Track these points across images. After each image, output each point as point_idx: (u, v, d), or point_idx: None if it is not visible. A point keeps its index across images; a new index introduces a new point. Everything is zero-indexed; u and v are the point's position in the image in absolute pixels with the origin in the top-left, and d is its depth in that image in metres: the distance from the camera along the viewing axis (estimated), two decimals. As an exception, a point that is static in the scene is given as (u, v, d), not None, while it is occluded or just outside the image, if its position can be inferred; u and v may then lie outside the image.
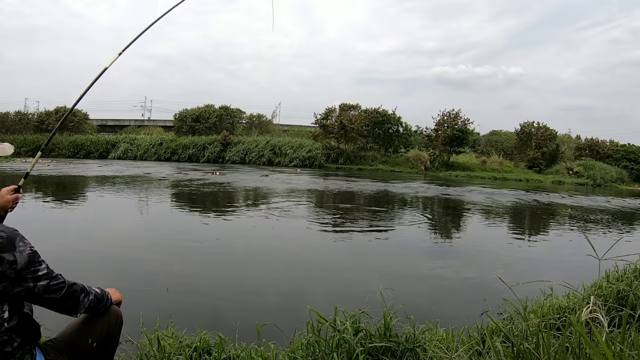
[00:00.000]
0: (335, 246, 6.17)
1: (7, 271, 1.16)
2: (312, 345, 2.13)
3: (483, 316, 2.69)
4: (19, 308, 1.27)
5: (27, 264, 1.19)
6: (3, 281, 1.17)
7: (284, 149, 31.92)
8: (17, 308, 1.26)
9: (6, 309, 1.22)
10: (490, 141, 41.10)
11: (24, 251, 1.19)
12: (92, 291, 1.45)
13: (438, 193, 15.26)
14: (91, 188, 12.71)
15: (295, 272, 4.76)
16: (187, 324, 2.47)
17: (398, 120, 33.93)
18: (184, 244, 5.71)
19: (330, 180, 18.99)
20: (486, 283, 4.46)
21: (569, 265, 5.44)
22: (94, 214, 8.08)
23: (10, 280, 1.18)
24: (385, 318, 2.20)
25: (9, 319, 1.22)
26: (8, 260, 1.16)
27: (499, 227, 8.77)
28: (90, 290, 1.44)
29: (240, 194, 12.60)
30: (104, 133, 39.52)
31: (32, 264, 1.21)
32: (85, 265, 4.44)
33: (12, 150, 1.48)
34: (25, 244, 1.21)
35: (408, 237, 7.13)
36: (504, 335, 2.04)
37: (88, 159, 31.43)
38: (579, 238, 7.75)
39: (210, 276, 4.44)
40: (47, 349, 1.42)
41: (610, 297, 2.76)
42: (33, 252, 1.22)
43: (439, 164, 31.81)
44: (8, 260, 1.16)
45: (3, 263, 1.15)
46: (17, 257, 1.17)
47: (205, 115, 38.14)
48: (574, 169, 30.73)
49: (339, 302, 2.38)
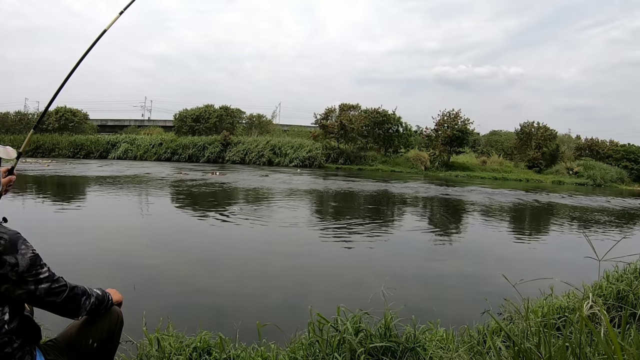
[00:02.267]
0: (335, 246, 6.17)
1: (9, 274, 1.16)
2: (313, 345, 2.13)
3: (483, 316, 2.69)
4: (19, 310, 1.27)
5: (28, 266, 1.19)
6: (4, 283, 1.17)
7: (284, 149, 31.90)
8: (18, 310, 1.26)
9: (7, 311, 1.22)
10: (490, 141, 41.10)
11: (25, 254, 1.19)
12: (94, 293, 1.45)
13: (438, 193, 15.26)
14: (91, 188, 12.70)
15: (296, 272, 4.75)
16: (188, 324, 2.48)
17: (398, 120, 33.93)
18: (184, 244, 5.71)
19: (330, 180, 18.98)
20: (486, 283, 4.46)
21: (569, 266, 5.44)
22: (94, 214, 8.07)
23: (12, 283, 1.18)
24: (386, 318, 2.20)
25: (9, 321, 1.22)
26: (10, 262, 1.16)
27: (499, 228, 8.77)
28: (92, 293, 1.44)
29: (240, 194, 12.60)
30: (104, 133, 39.45)
31: (34, 267, 1.21)
32: (85, 266, 4.44)
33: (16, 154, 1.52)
34: (27, 247, 1.22)
35: (408, 237, 7.14)
36: (505, 335, 2.04)
37: (88, 159, 31.41)
38: (579, 238, 7.75)
39: (211, 276, 4.44)
40: (47, 349, 1.42)
41: (610, 297, 2.76)
42: (35, 255, 1.23)
43: (439, 164, 31.79)
44: (10, 263, 1.16)
45: (5, 265, 1.15)
46: (19, 259, 1.17)
47: (205, 115, 38.12)
48: (574, 169, 30.73)
49: (340, 303, 2.38)
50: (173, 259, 5.04)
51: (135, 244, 5.80)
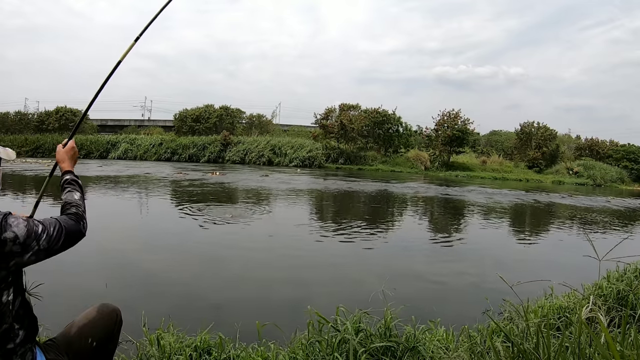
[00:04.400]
0: (336, 246, 6.16)
1: (13, 247, 1.19)
2: (313, 345, 2.13)
3: (483, 316, 2.69)
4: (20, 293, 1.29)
5: (26, 232, 1.22)
6: (13, 259, 1.20)
7: (284, 149, 31.92)
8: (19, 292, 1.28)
9: (12, 292, 1.24)
10: (490, 141, 41.10)
11: (18, 224, 1.22)
12: (80, 209, 1.51)
13: (438, 193, 15.26)
14: (91, 188, 12.70)
15: (296, 272, 4.75)
16: (188, 324, 2.47)
17: (398, 120, 33.93)
18: (184, 244, 5.71)
19: (330, 180, 18.98)
20: (486, 283, 4.46)
21: (569, 266, 5.44)
22: (94, 214, 8.06)
23: (19, 254, 1.20)
24: (386, 318, 2.20)
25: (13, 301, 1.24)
26: (10, 238, 1.18)
27: (499, 228, 8.77)
28: (79, 211, 1.49)
29: (240, 194, 12.60)
30: (104, 133, 39.45)
31: (31, 231, 1.24)
32: (84, 268, 4.43)
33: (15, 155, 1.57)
34: (17, 217, 1.24)
35: (408, 237, 7.14)
36: (504, 335, 2.04)
37: (88, 158, 31.42)
38: (579, 238, 7.75)
39: (211, 276, 4.44)
40: (47, 348, 1.43)
41: (610, 297, 2.76)
42: (26, 220, 1.25)
43: (439, 164, 31.80)
44: (10, 239, 1.18)
45: (7, 243, 1.18)
46: (17, 231, 1.20)
47: (205, 115, 38.13)
48: (574, 169, 30.73)
49: (340, 303, 2.38)
50: (173, 258, 5.04)
51: (135, 243, 5.80)
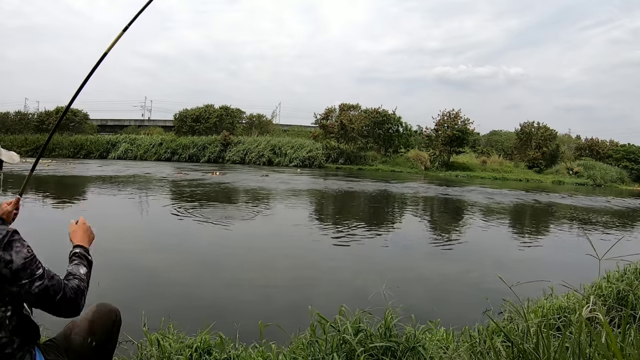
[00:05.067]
0: (336, 247, 6.16)
1: (3, 270, 1.17)
2: (313, 345, 2.13)
3: (484, 316, 2.69)
4: (19, 309, 1.28)
5: (23, 264, 1.19)
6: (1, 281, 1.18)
7: (284, 149, 31.90)
8: (17, 309, 1.27)
9: (10, 308, 1.23)
10: (491, 141, 41.07)
11: (20, 252, 1.20)
12: (83, 284, 1.37)
13: (438, 193, 15.26)
14: (91, 188, 12.70)
15: (297, 272, 4.75)
16: (188, 325, 2.47)
17: (398, 120, 33.92)
18: (184, 245, 5.71)
19: (330, 180, 18.98)
20: (486, 283, 4.46)
21: (569, 266, 5.44)
22: (94, 214, 8.06)
23: (7, 280, 1.19)
24: (386, 318, 2.20)
25: (10, 317, 1.24)
26: (5, 259, 1.17)
27: (499, 228, 8.77)
28: (81, 285, 1.36)
29: (240, 194, 12.60)
30: (104, 133, 39.41)
31: (29, 265, 1.21)
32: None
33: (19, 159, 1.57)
34: (23, 245, 1.22)
35: (409, 237, 7.14)
36: (504, 336, 2.04)
37: (88, 158, 31.41)
38: (579, 238, 7.75)
39: (211, 277, 4.44)
40: (46, 348, 1.43)
41: (610, 297, 2.76)
42: (30, 254, 1.23)
43: (439, 164, 31.79)
44: (5, 259, 1.17)
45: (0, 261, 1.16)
46: (14, 257, 1.18)
47: (205, 115, 38.09)
48: (574, 169, 30.72)
49: (341, 303, 2.38)
50: (172, 259, 5.04)
51: (135, 244, 5.80)
